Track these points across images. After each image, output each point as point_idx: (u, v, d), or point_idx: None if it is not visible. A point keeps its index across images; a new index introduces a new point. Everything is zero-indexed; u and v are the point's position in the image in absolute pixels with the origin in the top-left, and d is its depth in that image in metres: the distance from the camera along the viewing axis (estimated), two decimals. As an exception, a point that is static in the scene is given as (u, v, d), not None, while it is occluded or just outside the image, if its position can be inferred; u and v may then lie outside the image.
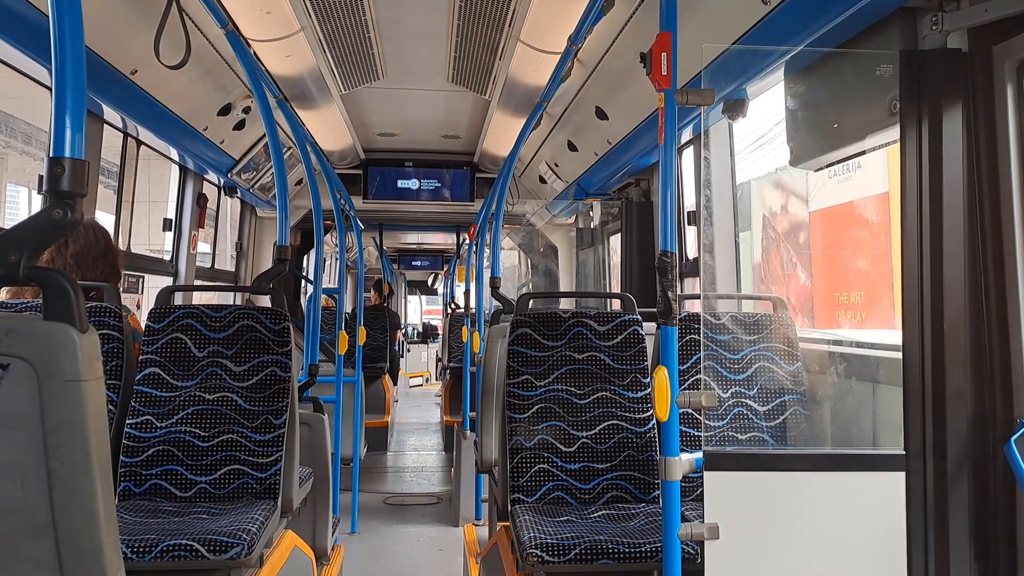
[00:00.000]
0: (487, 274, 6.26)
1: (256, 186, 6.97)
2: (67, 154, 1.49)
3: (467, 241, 9.19)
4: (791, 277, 5.13)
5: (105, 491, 1.49)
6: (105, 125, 4.71)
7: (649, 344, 4.02)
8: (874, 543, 2.54)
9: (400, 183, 8.28)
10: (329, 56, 4.99)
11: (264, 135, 6.10)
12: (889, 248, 3.81)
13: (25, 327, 1.47)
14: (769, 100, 3.96)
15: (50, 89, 1.55)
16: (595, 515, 3.56)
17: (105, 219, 4.79)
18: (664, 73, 2.50)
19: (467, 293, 8.48)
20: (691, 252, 5.81)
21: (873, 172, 4.03)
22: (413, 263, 18.71)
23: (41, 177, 1.58)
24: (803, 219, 5.04)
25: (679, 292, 2.61)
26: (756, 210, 5.30)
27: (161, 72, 3.98)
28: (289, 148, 6.71)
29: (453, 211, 8.89)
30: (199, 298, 7.29)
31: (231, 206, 8.13)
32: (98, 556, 1.47)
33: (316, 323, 5.57)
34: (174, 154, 5.83)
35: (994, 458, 2.67)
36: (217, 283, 7.73)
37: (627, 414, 3.88)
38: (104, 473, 1.49)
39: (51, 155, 1.48)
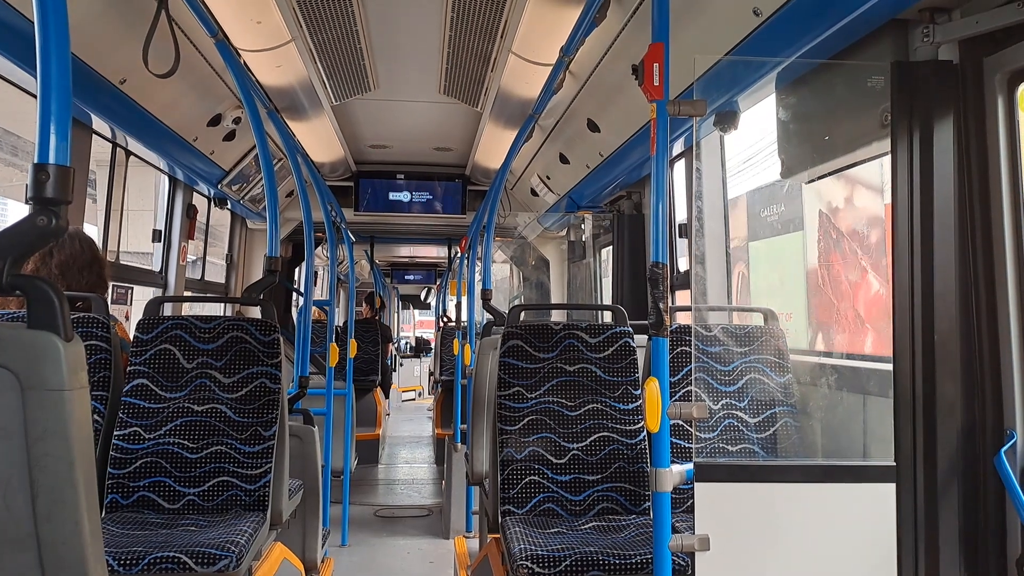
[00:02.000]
0: (479, 287, 6.25)
1: (246, 198, 6.95)
2: (52, 161, 1.47)
3: (459, 254, 9.19)
4: (858, 286, 4.62)
5: (90, 502, 1.47)
6: (94, 135, 4.69)
7: (640, 356, 4.02)
8: (864, 554, 2.53)
9: (391, 195, 8.27)
10: (320, 67, 4.98)
11: (254, 146, 6.08)
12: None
13: (8, 335, 1.45)
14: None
15: (35, 96, 1.53)
16: (586, 527, 3.54)
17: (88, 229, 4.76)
18: (656, 84, 2.50)
19: (458, 306, 8.47)
20: (682, 265, 5.81)
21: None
22: (406, 277, 18.69)
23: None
24: (876, 213, 4.35)
25: (670, 304, 2.61)
26: (810, 205, 4.89)
27: (150, 81, 3.97)
28: (280, 159, 6.70)
29: (445, 224, 8.88)
30: (188, 310, 7.25)
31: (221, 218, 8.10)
32: (82, 568, 1.45)
33: (307, 335, 5.55)
34: (163, 165, 5.81)
35: (984, 469, 2.66)
36: (207, 294, 7.70)
37: (618, 426, 3.87)
38: (88, 484, 1.47)
39: (36, 161, 1.47)
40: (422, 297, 26.54)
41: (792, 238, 4.71)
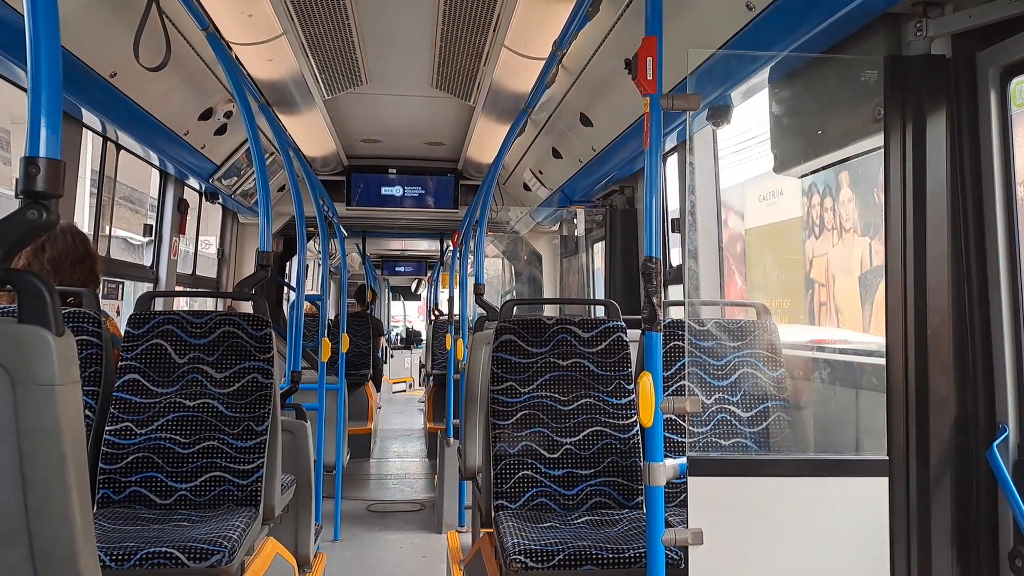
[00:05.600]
0: (471, 281, 6.24)
1: (238, 192, 6.93)
2: (42, 154, 1.46)
3: (451, 248, 9.17)
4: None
5: (81, 497, 1.46)
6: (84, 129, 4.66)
7: (633, 351, 4.02)
8: (857, 548, 2.54)
9: (383, 190, 8.26)
10: (312, 61, 4.96)
11: (246, 140, 6.06)
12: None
13: None
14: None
15: (25, 90, 1.52)
16: (579, 521, 3.54)
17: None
18: (650, 78, 2.49)
19: (451, 300, 8.46)
20: (674, 260, 5.81)
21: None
22: (396, 269, 18.66)
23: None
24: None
25: (663, 299, 2.61)
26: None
27: (141, 75, 3.94)
28: (271, 154, 6.67)
29: (437, 218, 8.86)
30: (179, 305, 7.23)
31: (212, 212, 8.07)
32: (73, 564, 1.44)
33: (299, 330, 5.54)
34: (154, 159, 5.79)
35: (976, 462, 2.67)
36: (198, 289, 7.67)
37: (611, 420, 3.87)
38: (80, 479, 1.46)
39: (26, 155, 1.45)
40: (412, 289, 26.51)
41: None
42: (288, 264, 10.28)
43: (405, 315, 28.48)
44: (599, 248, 7.70)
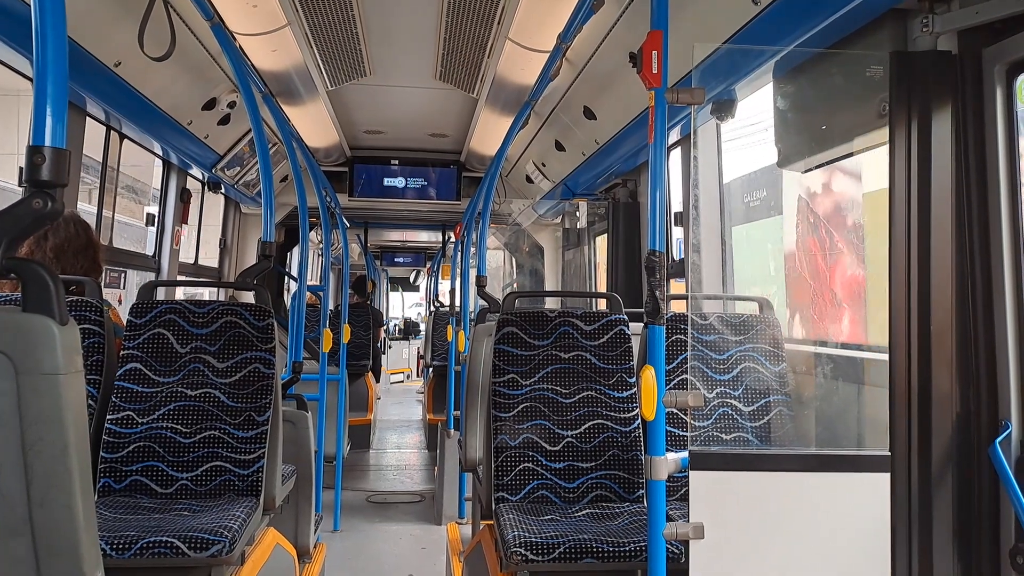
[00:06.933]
0: (473, 273, 6.24)
1: (240, 182, 6.93)
2: (48, 143, 1.45)
3: (453, 240, 9.17)
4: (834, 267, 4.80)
5: (84, 487, 1.46)
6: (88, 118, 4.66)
7: (635, 344, 4.01)
8: (858, 543, 2.54)
9: (386, 181, 8.26)
10: (316, 52, 4.96)
11: (249, 131, 6.06)
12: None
13: (3, 319, 1.43)
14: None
15: (31, 79, 1.52)
16: (579, 514, 3.54)
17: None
18: (655, 72, 2.48)
19: (452, 292, 8.47)
20: (676, 254, 5.81)
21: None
22: (395, 260, 18.64)
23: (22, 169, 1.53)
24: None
25: (666, 292, 2.61)
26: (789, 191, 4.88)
27: (145, 65, 3.94)
28: (274, 144, 6.67)
29: (439, 210, 8.86)
30: (181, 294, 7.24)
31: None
32: (76, 553, 1.44)
33: (300, 320, 5.54)
34: (157, 148, 5.78)
35: (978, 459, 2.67)
36: (201, 279, 7.67)
37: (612, 413, 3.87)
38: (83, 468, 1.46)
39: (31, 144, 1.45)
40: (411, 280, 26.47)
41: (773, 222, 4.70)
42: (289, 254, 10.29)
43: (404, 307, 28.38)
44: (601, 241, 7.70)
